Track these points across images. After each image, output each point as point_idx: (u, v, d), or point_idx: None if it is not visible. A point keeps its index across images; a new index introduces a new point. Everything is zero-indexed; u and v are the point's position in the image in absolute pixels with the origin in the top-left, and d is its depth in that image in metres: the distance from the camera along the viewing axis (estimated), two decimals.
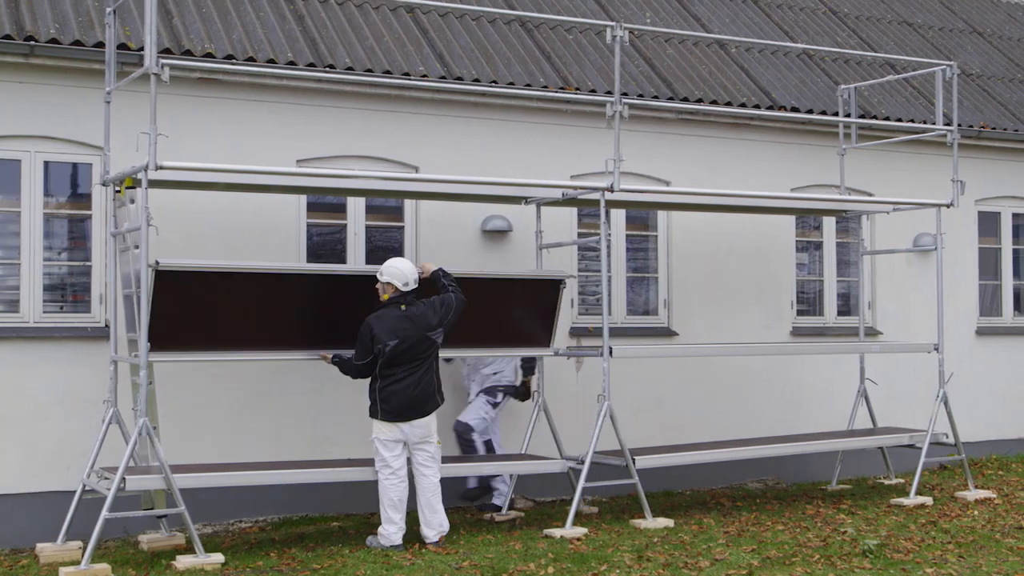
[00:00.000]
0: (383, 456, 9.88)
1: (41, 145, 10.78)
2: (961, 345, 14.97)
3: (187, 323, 9.66)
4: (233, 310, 9.89)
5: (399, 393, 9.79)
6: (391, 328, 9.74)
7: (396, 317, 9.80)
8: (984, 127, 15.25)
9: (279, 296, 10.12)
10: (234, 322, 9.89)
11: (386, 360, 9.74)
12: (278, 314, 10.11)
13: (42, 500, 10.45)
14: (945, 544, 10.30)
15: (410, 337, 9.77)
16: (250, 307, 9.97)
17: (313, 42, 11.85)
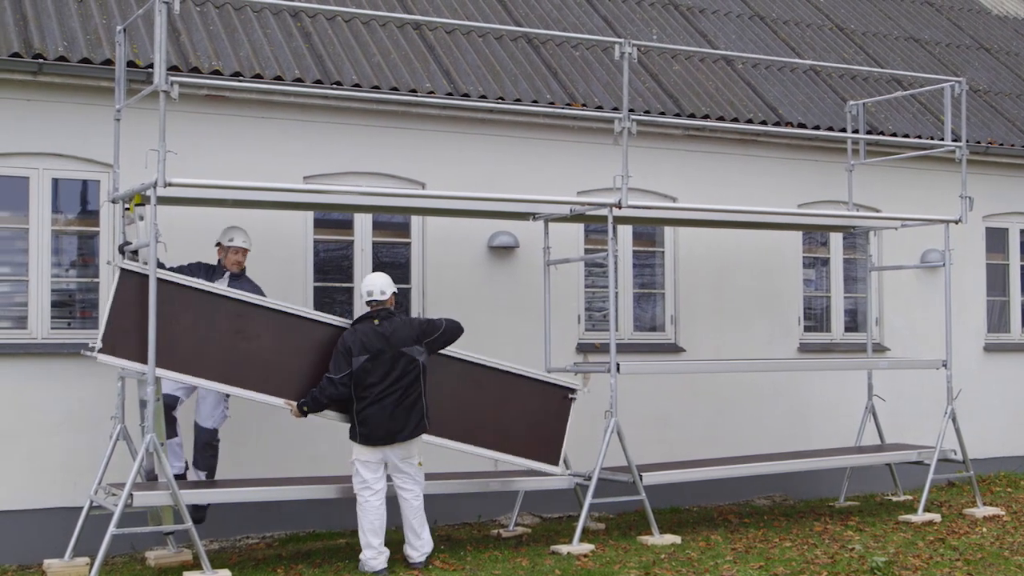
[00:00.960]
0: (363, 477, 9.60)
1: (49, 162, 10.82)
2: (969, 361, 14.94)
3: (141, 333, 9.21)
4: (195, 332, 9.51)
5: (376, 415, 9.45)
6: (362, 342, 9.47)
7: (368, 331, 9.53)
8: (992, 143, 15.24)
9: (252, 327, 9.69)
10: (193, 344, 9.47)
11: (357, 378, 9.43)
12: (252, 349, 9.65)
13: (49, 516, 10.45)
14: (953, 561, 10.27)
15: (382, 353, 9.45)
16: (218, 332, 9.59)
17: (320, 59, 11.89)
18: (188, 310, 9.49)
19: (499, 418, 10.50)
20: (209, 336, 9.55)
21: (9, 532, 10.43)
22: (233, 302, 9.66)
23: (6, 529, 10.43)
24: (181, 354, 9.43)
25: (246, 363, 9.60)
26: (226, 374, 9.57)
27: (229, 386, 9.61)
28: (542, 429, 10.66)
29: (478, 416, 10.41)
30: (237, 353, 9.59)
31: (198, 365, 9.48)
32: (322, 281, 11.82)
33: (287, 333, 9.74)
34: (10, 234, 10.81)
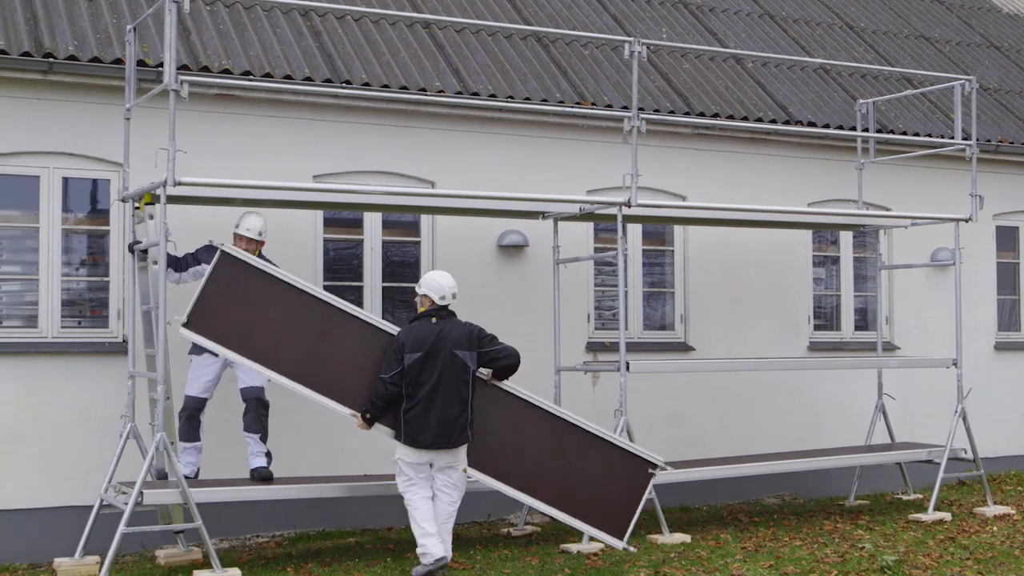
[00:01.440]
0: (408, 475, 9.30)
1: (59, 161, 10.84)
2: (979, 360, 14.91)
3: (227, 316, 9.32)
4: (280, 326, 9.45)
5: (423, 417, 9.10)
6: (417, 339, 9.17)
7: (423, 329, 9.24)
8: (1002, 141, 15.21)
9: (336, 332, 9.57)
10: (275, 337, 9.43)
11: (409, 376, 9.12)
12: (331, 353, 9.55)
13: (60, 515, 10.47)
14: (964, 560, 10.25)
15: (435, 351, 9.14)
16: (301, 331, 9.51)
17: (330, 58, 11.90)
18: (279, 304, 9.46)
19: (568, 475, 9.92)
20: (293, 333, 9.48)
21: (20, 531, 10.45)
22: (325, 305, 9.57)
23: (17, 528, 10.45)
24: (260, 344, 9.39)
25: (322, 366, 9.50)
26: (301, 373, 9.46)
27: (301, 386, 9.45)
28: (614, 498, 10.01)
29: (544, 468, 9.87)
30: (316, 355, 9.50)
31: (275, 359, 9.41)
32: (332, 280, 11.82)
33: (367, 343, 9.54)
34: (21, 233, 10.84)
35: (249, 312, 9.39)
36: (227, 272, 9.37)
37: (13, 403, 10.53)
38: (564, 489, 9.90)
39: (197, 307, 9.27)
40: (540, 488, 9.87)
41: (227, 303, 9.36)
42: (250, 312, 9.39)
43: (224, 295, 9.35)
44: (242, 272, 9.41)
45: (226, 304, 9.36)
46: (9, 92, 10.60)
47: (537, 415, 9.90)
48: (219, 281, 9.35)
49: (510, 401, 9.83)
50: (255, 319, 9.42)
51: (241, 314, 9.42)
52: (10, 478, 10.49)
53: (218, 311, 9.33)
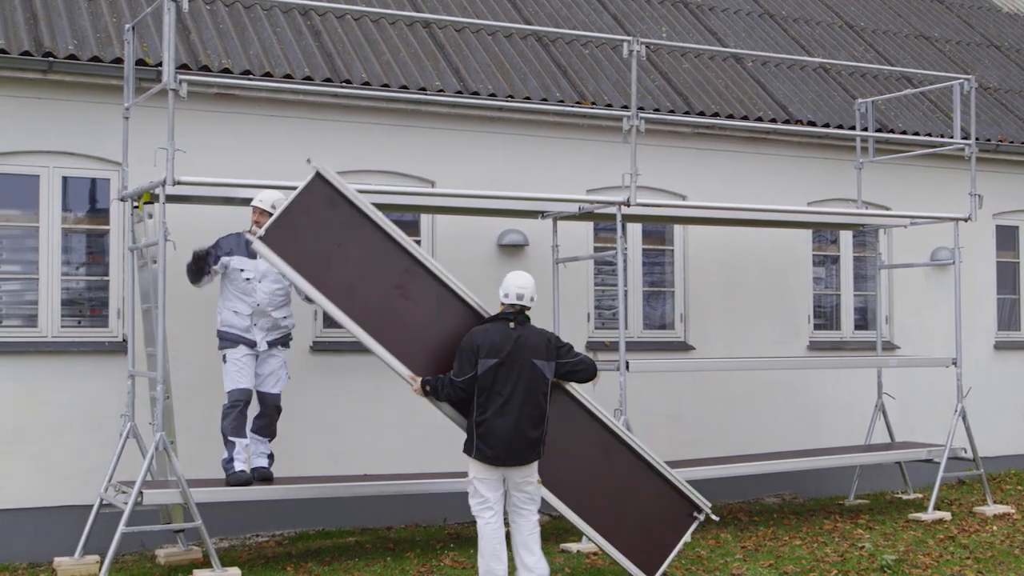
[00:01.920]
0: (483, 495, 8.51)
1: (59, 160, 10.84)
2: (979, 359, 14.91)
3: (306, 242, 8.74)
4: (358, 267, 8.83)
5: (499, 430, 8.32)
6: (494, 344, 8.40)
7: (501, 333, 8.46)
8: (1002, 141, 15.21)
9: (415, 289, 8.93)
10: (350, 278, 8.80)
11: (482, 384, 8.35)
12: (404, 309, 8.90)
13: (59, 514, 10.47)
14: (963, 560, 10.26)
15: (513, 359, 8.38)
16: (378, 279, 8.88)
17: (330, 57, 11.90)
18: (363, 244, 8.87)
19: (614, 499, 9.28)
20: (371, 278, 8.87)
21: (19, 530, 10.45)
22: (410, 258, 8.96)
23: (17, 527, 10.45)
24: (334, 281, 8.77)
25: (393, 320, 8.84)
26: (368, 321, 8.78)
27: (366, 333, 8.75)
28: (653, 533, 9.34)
29: (592, 485, 9.23)
30: (389, 307, 8.86)
31: (346, 300, 8.77)
32: None
33: (443, 308, 8.93)
34: (21, 232, 10.84)
35: (330, 244, 8.76)
36: (318, 196, 8.73)
37: (13, 402, 10.53)
38: (606, 512, 9.21)
39: (277, 224, 8.62)
40: (584, 504, 9.15)
41: (310, 228, 8.71)
42: (331, 244, 8.76)
43: (309, 219, 8.71)
44: (333, 199, 8.77)
45: (308, 229, 8.70)
46: (9, 91, 10.60)
47: (596, 429, 9.26)
48: (306, 204, 8.69)
49: (572, 407, 9.16)
50: (334, 253, 8.78)
51: (321, 244, 8.76)
52: (10, 477, 10.49)
53: (298, 234, 8.67)
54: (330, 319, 11.64)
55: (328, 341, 11.65)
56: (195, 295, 10.90)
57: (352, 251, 8.85)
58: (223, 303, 10.09)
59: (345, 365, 11.67)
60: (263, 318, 10.04)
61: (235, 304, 10.03)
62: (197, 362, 10.85)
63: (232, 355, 10.01)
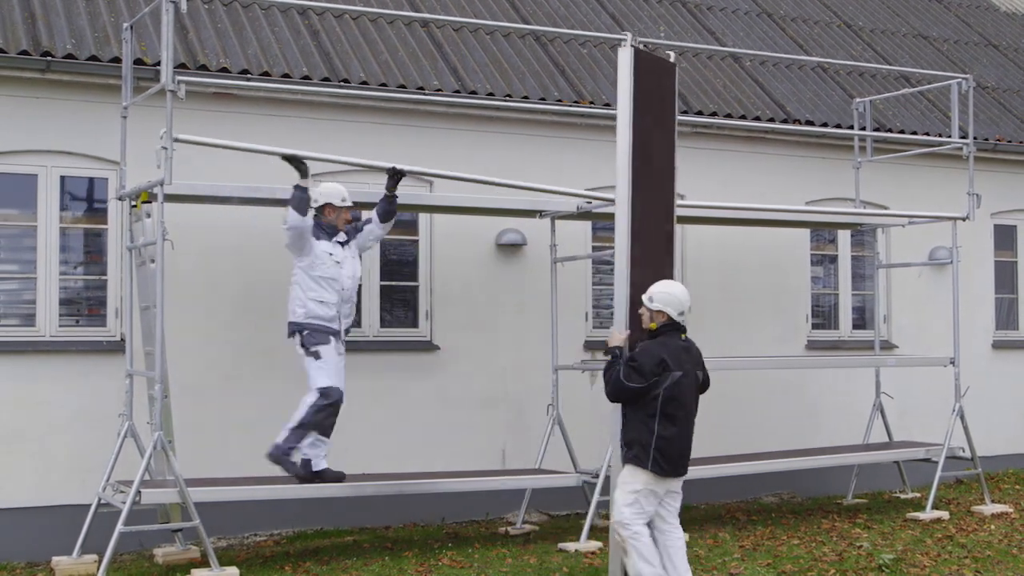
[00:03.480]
0: (643, 507, 8.29)
1: (57, 160, 10.84)
2: (977, 359, 14.90)
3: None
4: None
5: (677, 443, 8.23)
6: (676, 359, 8.26)
7: (679, 348, 8.36)
8: (1000, 140, 15.22)
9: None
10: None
11: (666, 397, 8.18)
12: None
13: (58, 513, 10.47)
14: (962, 559, 10.26)
15: (689, 372, 8.35)
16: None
17: (328, 57, 11.89)
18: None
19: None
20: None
21: (18, 529, 10.45)
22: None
23: (15, 526, 10.45)
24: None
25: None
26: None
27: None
28: None
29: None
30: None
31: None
32: None
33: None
34: (18, 232, 10.84)
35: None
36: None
37: (11, 402, 10.52)
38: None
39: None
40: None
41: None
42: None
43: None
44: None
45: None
46: (7, 91, 10.60)
47: None
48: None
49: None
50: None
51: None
52: (8, 477, 10.49)
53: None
54: None
55: None
56: (194, 294, 10.92)
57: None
58: (304, 294, 9.85)
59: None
60: (346, 305, 9.92)
61: (321, 293, 9.84)
62: (195, 361, 10.86)
63: (327, 351, 9.81)
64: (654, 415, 8.18)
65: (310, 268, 9.84)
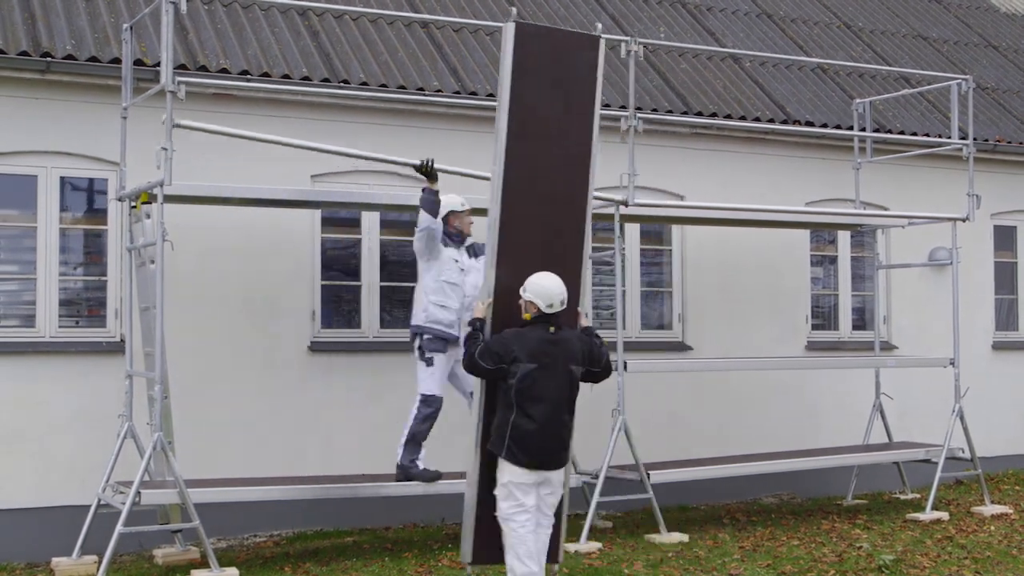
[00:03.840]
0: (518, 499, 8.18)
1: (57, 160, 10.84)
2: (977, 359, 14.91)
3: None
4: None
5: (534, 436, 8.10)
6: (532, 351, 8.12)
7: (541, 339, 8.19)
8: (1000, 141, 15.22)
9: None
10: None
11: (519, 388, 8.08)
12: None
13: (57, 514, 10.46)
14: (961, 560, 10.26)
15: (551, 365, 8.16)
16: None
17: (328, 57, 11.89)
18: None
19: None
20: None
21: (17, 530, 10.44)
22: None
23: (14, 527, 10.45)
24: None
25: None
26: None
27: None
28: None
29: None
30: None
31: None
32: (330, 279, 11.83)
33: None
34: (18, 232, 10.84)
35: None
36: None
37: (11, 403, 10.52)
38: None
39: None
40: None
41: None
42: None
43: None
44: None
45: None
46: (6, 91, 10.60)
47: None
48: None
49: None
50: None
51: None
52: (8, 477, 10.49)
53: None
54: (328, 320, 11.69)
55: (326, 341, 11.65)
56: (194, 295, 10.92)
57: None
58: (426, 297, 9.95)
59: (343, 365, 11.67)
60: (466, 312, 9.86)
61: (443, 298, 9.95)
62: (195, 362, 10.86)
63: (440, 359, 9.95)
64: (510, 405, 8.12)
65: (437, 273, 10.00)
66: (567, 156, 8.72)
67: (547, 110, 8.62)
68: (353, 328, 11.89)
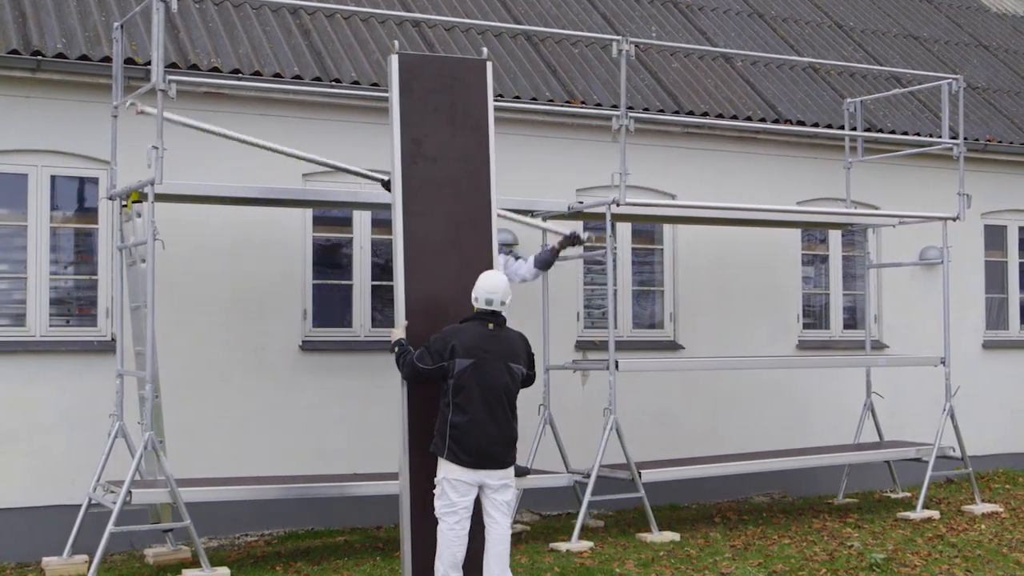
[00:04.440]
0: (450, 499, 8.11)
1: (48, 159, 10.82)
2: (968, 358, 14.94)
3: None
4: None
5: (472, 433, 8.08)
6: (469, 346, 8.16)
7: (479, 335, 8.26)
8: (990, 140, 15.24)
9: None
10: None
11: (456, 385, 8.11)
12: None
13: (48, 514, 10.45)
14: (952, 558, 10.28)
15: (489, 360, 8.17)
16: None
17: (319, 56, 11.88)
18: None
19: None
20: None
21: (8, 530, 10.42)
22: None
23: (5, 527, 10.43)
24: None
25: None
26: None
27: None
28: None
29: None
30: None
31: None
32: (321, 278, 11.82)
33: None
34: (9, 231, 10.81)
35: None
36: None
37: (1, 402, 10.50)
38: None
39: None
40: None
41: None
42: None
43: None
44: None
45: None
46: None
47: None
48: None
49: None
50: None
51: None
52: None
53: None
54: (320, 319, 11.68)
55: (317, 340, 11.64)
56: (185, 294, 10.91)
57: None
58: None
59: (334, 364, 11.66)
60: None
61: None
62: (186, 361, 10.85)
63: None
64: (448, 404, 8.14)
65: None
66: (467, 173, 9.28)
67: (441, 133, 9.22)
68: (345, 327, 11.88)
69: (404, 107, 9.04)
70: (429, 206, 9.03)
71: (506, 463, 8.25)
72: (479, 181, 9.33)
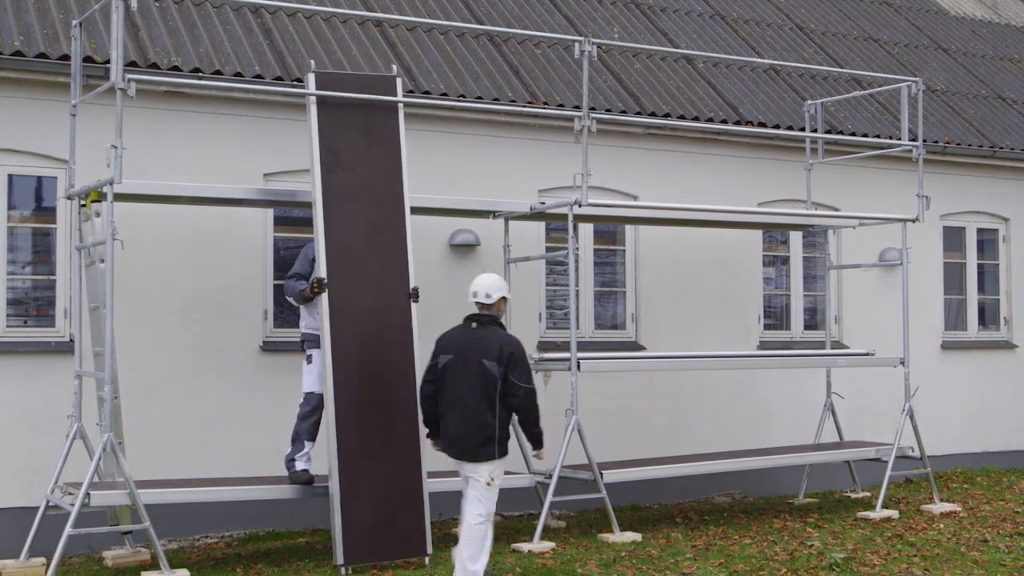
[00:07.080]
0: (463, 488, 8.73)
1: (5, 158, 10.71)
2: (927, 359, 15.05)
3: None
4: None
5: (449, 423, 8.61)
6: (451, 342, 8.73)
7: (461, 333, 8.77)
8: (949, 143, 15.37)
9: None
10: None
11: (440, 378, 8.65)
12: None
13: (5, 516, 10.35)
14: (911, 557, 10.35)
15: (464, 356, 8.58)
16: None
17: (280, 56, 11.83)
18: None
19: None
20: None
21: None
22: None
23: None
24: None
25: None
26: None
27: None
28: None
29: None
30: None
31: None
32: (282, 279, 11.74)
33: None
34: None
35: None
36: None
37: None
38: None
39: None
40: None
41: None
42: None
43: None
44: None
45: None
46: None
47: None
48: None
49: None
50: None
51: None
52: None
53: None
54: (280, 319, 11.62)
55: (278, 341, 11.59)
56: (144, 294, 10.84)
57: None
58: (304, 309, 10.28)
59: (295, 365, 11.55)
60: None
61: (313, 308, 10.19)
62: (146, 362, 10.77)
63: (316, 356, 10.09)
64: (442, 396, 8.74)
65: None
66: (382, 180, 10.17)
67: (356, 144, 10.08)
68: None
69: (321, 121, 9.95)
70: (348, 212, 9.91)
71: (477, 457, 8.52)
72: (393, 188, 10.22)
